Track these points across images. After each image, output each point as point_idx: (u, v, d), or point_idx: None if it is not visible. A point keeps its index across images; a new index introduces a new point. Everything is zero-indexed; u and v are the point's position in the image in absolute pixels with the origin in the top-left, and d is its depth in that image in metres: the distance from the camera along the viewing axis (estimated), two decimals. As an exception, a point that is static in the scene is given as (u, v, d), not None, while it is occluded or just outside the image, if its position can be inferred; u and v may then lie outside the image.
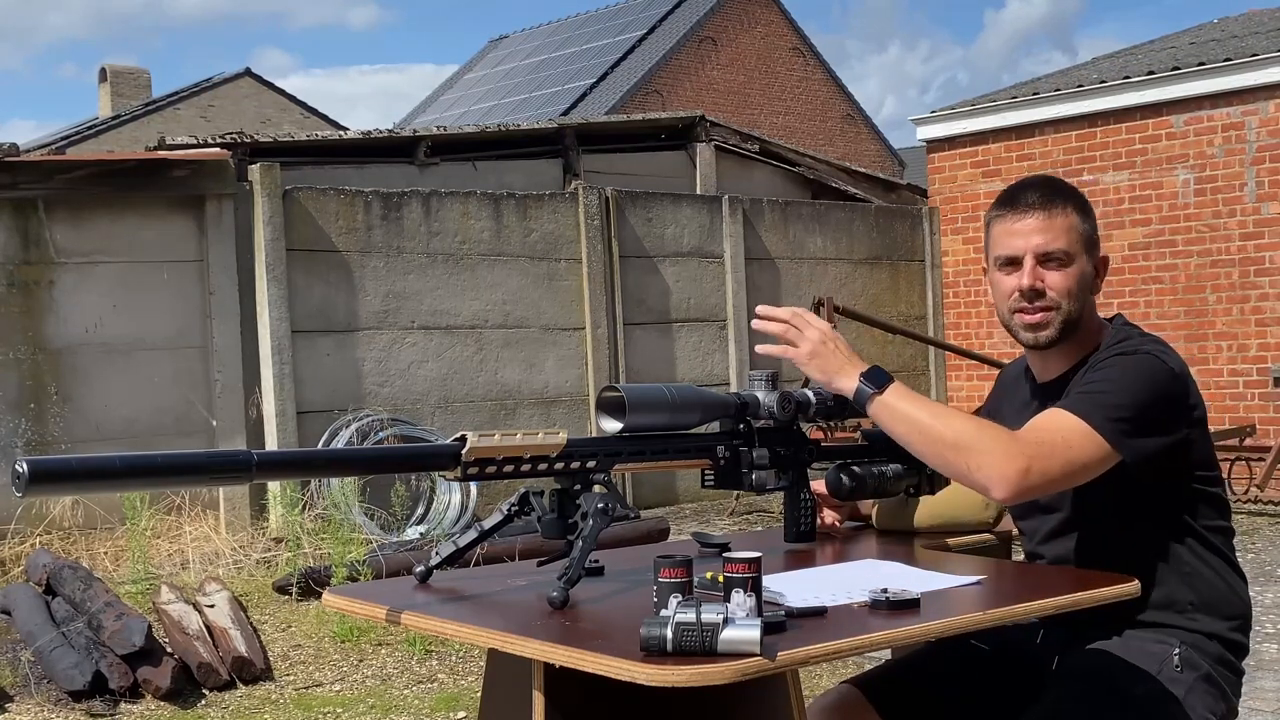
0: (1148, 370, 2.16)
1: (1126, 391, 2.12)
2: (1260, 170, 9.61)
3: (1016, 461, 2.03)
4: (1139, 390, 2.13)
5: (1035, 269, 2.25)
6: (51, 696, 4.76)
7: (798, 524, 2.40)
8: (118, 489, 2.92)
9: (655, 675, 1.56)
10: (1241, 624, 2.25)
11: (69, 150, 17.56)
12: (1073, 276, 2.25)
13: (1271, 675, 4.80)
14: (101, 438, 7.50)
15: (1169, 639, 2.19)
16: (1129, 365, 2.17)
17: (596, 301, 9.41)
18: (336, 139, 9.48)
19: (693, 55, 22.66)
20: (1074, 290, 2.25)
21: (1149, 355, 2.18)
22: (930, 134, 11.42)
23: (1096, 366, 2.20)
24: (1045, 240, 2.24)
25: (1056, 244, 2.24)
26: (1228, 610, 2.23)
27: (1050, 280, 2.25)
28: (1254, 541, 7.61)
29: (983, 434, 2.08)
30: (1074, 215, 2.26)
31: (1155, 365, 2.16)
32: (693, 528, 8.32)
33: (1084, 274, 2.26)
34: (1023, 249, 2.26)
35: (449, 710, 4.69)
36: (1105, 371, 2.17)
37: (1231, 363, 9.76)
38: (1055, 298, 2.25)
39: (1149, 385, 2.14)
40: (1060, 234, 2.25)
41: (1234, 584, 2.25)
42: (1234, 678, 2.24)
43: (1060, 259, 2.25)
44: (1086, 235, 2.27)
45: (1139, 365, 2.16)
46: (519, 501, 2.10)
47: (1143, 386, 2.14)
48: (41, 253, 7.48)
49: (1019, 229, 2.27)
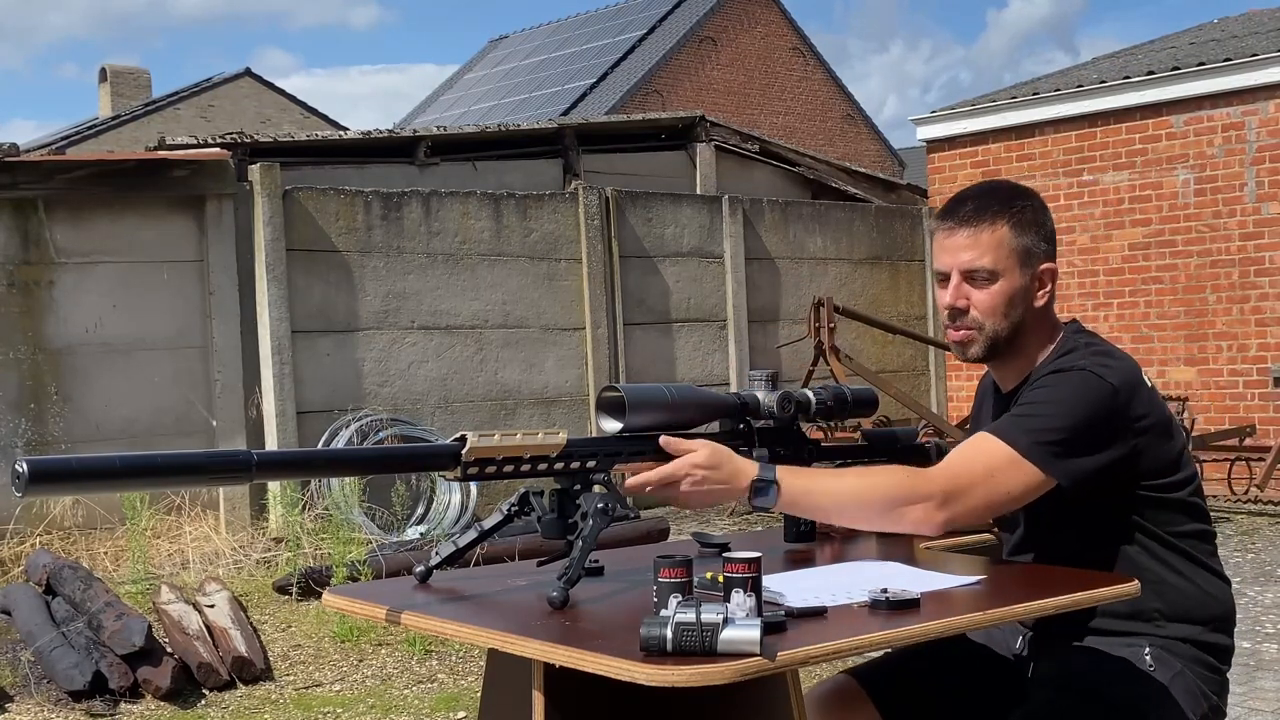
0: (1082, 388, 2.12)
1: (1058, 413, 2.10)
2: (1260, 170, 9.61)
3: (933, 504, 2.05)
4: (1073, 410, 2.10)
5: (960, 286, 2.23)
6: (51, 696, 4.76)
7: (798, 524, 2.40)
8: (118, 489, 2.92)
9: (655, 675, 1.56)
10: (1219, 625, 2.23)
11: (69, 150, 17.56)
12: (998, 295, 2.21)
13: (1271, 675, 4.80)
14: (101, 438, 7.50)
15: (1138, 642, 2.19)
16: (1062, 384, 2.14)
17: (596, 301, 9.41)
18: (336, 139, 9.48)
19: (693, 55, 22.66)
20: (999, 308, 2.21)
21: (1084, 372, 2.14)
22: (930, 134, 11.42)
23: (1032, 385, 2.19)
24: (971, 257, 2.21)
25: (981, 261, 2.21)
26: (1200, 614, 2.21)
27: (975, 299, 2.22)
28: (1254, 541, 7.61)
29: (897, 483, 2.08)
30: (1004, 229, 2.21)
31: (1090, 382, 2.12)
32: (693, 528, 8.32)
33: (1015, 290, 2.21)
34: (950, 265, 2.24)
35: (449, 710, 4.69)
36: (1037, 392, 2.16)
37: (1231, 363, 9.76)
38: (977, 317, 2.22)
39: (1083, 403, 2.11)
40: (986, 250, 2.20)
41: (1208, 587, 2.22)
42: (1213, 677, 2.22)
43: (985, 277, 2.21)
44: (1021, 249, 2.21)
45: (1073, 384, 2.13)
46: (519, 501, 2.10)
47: (1076, 405, 2.10)
48: (41, 253, 7.48)
49: (948, 245, 2.25)
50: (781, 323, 10.42)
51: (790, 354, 9.99)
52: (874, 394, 2.47)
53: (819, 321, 8.84)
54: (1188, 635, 2.20)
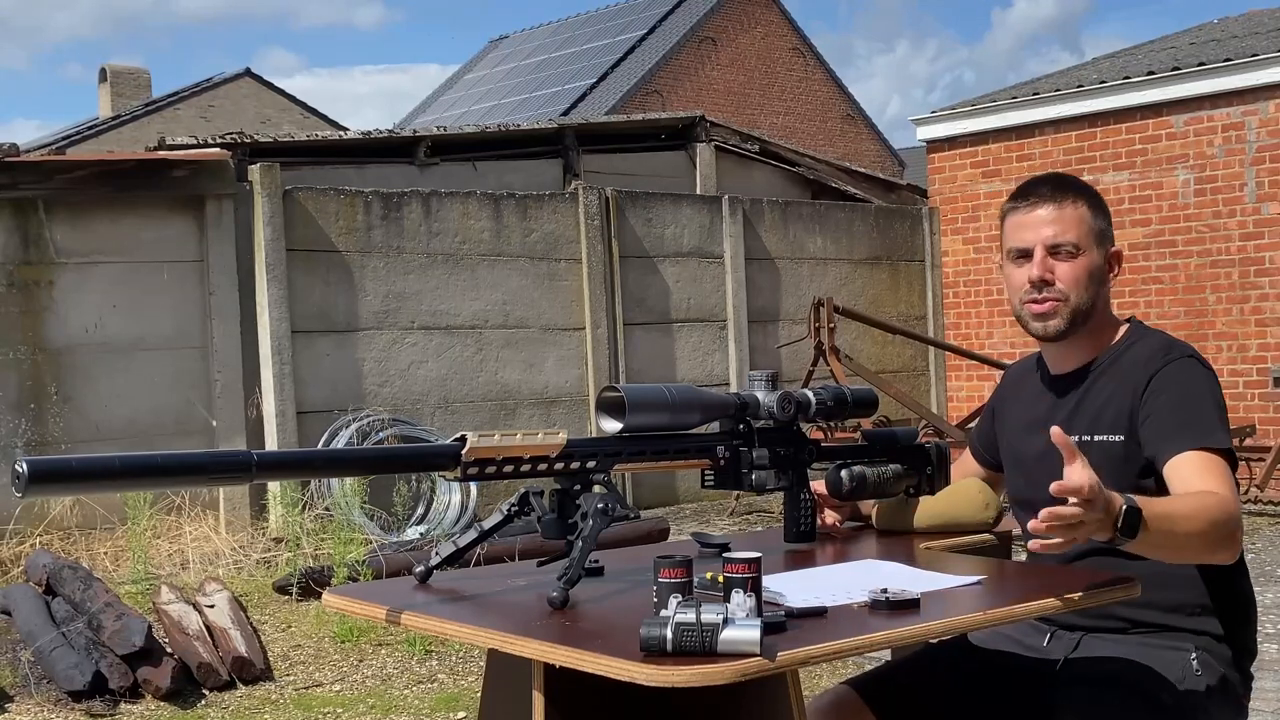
0: (1202, 373, 2.22)
1: (1208, 401, 2.18)
2: (1260, 170, 9.61)
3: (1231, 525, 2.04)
4: (1212, 395, 2.19)
5: (1045, 260, 2.28)
6: (51, 696, 4.76)
7: (798, 524, 2.40)
8: (118, 489, 2.92)
9: (655, 675, 1.56)
10: (1248, 624, 2.25)
11: (69, 150, 17.55)
12: (1082, 267, 2.27)
13: (1271, 675, 4.80)
14: (101, 438, 7.50)
15: (1182, 644, 2.18)
16: (1188, 374, 2.21)
17: (596, 301, 9.41)
18: (336, 139, 9.48)
19: (693, 55, 22.66)
20: (1082, 281, 2.27)
21: (1192, 359, 2.23)
22: (930, 134, 11.42)
23: (1158, 388, 2.20)
24: (1055, 232, 2.27)
25: (1066, 235, 2.27)
26: (1234, 611, 2.23)
27: (1059, 271, 2.27)
28: (1254, 542, 7.61)
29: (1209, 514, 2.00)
30: (1085, 208, 2.29)
31: (1201, 368, 2.23)
32: (693, 528, 8.32)
33: (1094, 266, 2.29)
34: (1033, 240, 2.29)
35: (449, 710, 4.69)
36: (1175, 390, 2.19)
37: (1231, 363, 9.76)
38: (1063, 289, 2.27)
39: (1210, 388, 2.20)
40: (1070, 226, 2.27)
41: (1238, 581, 2.25)
42: (1244, 681, 2.24)
43: (1070, 250, 2.27)
44: (1098, 229, 2.30)
45: (1193, 371, 2.21)
46: (519, 501, 2.10)
47: (1212, 390, 2.20)
48: (41, 253, 7.48)
49: (1029, 221, 2.30)
50: (781, 323, 10.42)
51: (790, 354, 9.99)
52: (874, 394, 2.46)
53: (819, 322, 8.83)
54: (1224, 634, 2.22)
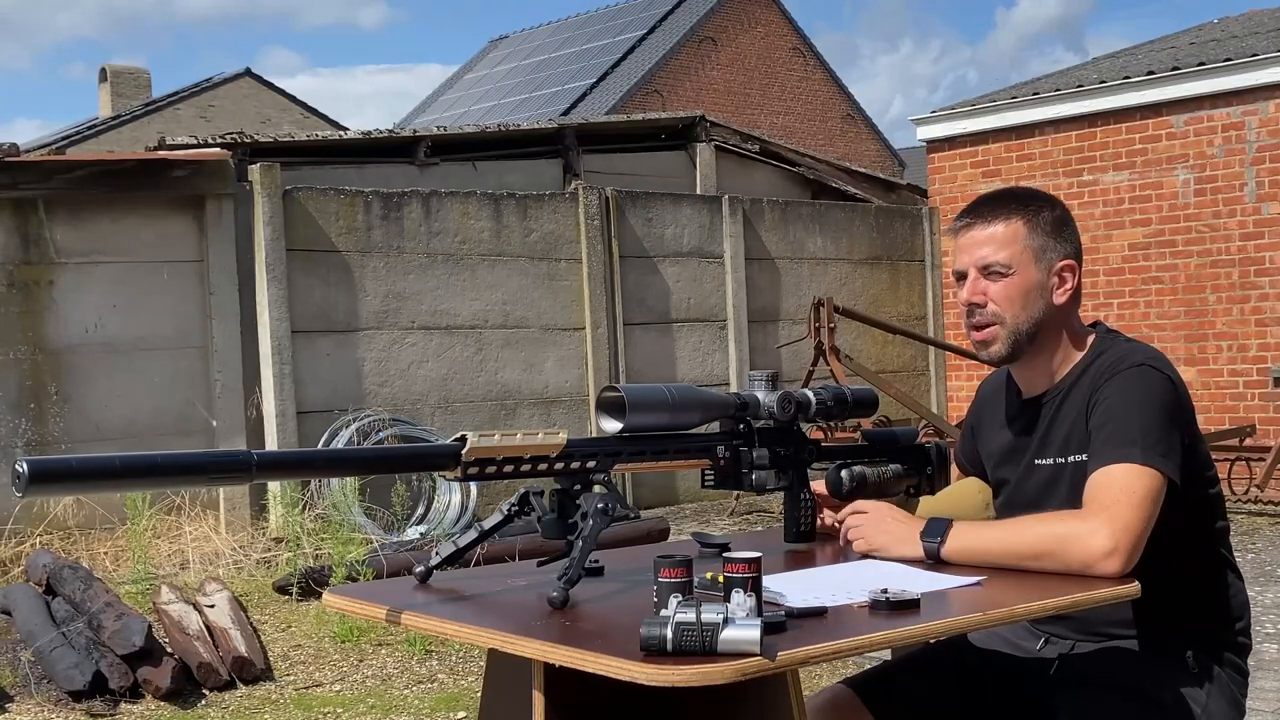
0: (1154, 386, 2.12)
1: (1146, 416, 2.08)
2: (1260, 170, 9.61)
3: (1098, 537, 1.97)
4: (1155, 410, 2.09)
5: (976, 281, 2.23)
6: (51, 696, 4.76)
7: (798, 524, 2.39)
8: (118, 489, 2.92)
9: (655, 675, 1.56)
10: (1244, 624, 2.25)
11: (69, 150, 17.56)
12: (1015, 287, 2.21)
13: (1272, 675, 4.80)
14: (101, 438, 7.50)
15: (1179, 644, 2.18)
16: (1130, 385, 2.12)
17: (596, 301, 9.41)
18: (336, 139, 9.48)
19: (693, 55, 22.66)
20: (1017, 301, 2.20)
21: (1143, 368, 2.14)
22: (930, 134, 11.42)
23: (1101, 398, 2.14)
24: (986, 253, 2.22)
25: (997, 255, 2.21)
26: (1230, 611, 2.23)
27: (992, 292, 2.22)
28: (1254, 541, 7.61)
29: (1056, 530, 2.01)
30: (1019, 225, 2.22)
31: (1152, 377, 2.13)
32: (693, 528, 8.32)
33: (1030, 284, 2.21)
34: (967, 263, 2.26)
35: (449, 710, 4.69)
36: (1111, 401, 2.12)
37: (1231, 363, 9.76)
38: (996, 309, 2.22)
39: (1156, 400, 2.10)
40: (1002, 245, 2.21)
41: (1233, 583, 2.25)
42: (1242, 680, 2.25)
43: (1000, 270, 2.21)
44: (1035, 246, 2.21)
45: (1138, 381, 2.12)
46: (519, 501, 2.09)
47: (1151, 403, 2.10)
48: (41, 253, 7.48)
49: (964, 243, 2.26)
50: (781, 323, 10.42)
51: (790, 354, 9.99)
52: (874, 394, 2.46)
53: (819, 321, 8.83)
54: (1220, 634, 2.21)
